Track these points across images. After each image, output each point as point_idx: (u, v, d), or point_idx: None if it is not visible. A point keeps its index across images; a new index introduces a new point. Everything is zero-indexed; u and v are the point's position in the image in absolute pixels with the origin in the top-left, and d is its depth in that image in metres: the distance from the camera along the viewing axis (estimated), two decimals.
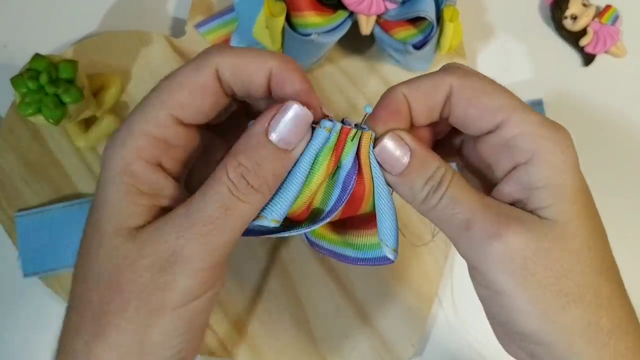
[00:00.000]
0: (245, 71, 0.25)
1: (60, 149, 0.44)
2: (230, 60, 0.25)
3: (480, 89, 0.26)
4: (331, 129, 0.26)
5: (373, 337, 0.42)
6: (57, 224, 0.42)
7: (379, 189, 0.27)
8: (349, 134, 0.26)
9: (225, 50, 0.25)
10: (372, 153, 0.26)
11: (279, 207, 0.26)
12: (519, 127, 0.25)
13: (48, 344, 0.44)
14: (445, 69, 0.27)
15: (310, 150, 0.26)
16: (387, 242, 0.27)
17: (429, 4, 0.38)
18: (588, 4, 0.45)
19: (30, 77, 0.38)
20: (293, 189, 0.26)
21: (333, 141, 0.26)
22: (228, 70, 0.25)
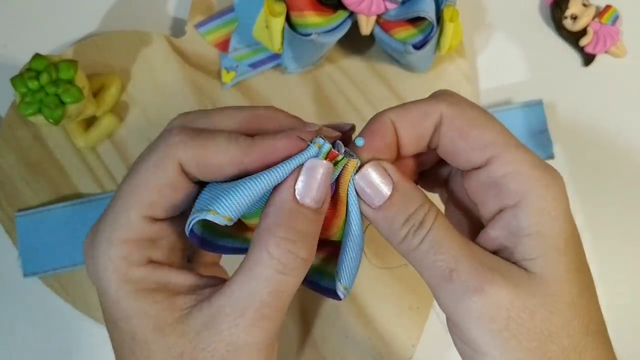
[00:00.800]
0: (210, 164, 0.24)
1: (60, 149, 0.44)
2: (192, 153, 0.24)
3: (471, 120, 0.24)
4: (321, 146, 0.24)
5: (373, 337, 0.42)
6: (57, 224, 0.42)
7: (350, 223, 0.26)
8: (335, 158, 0.25)
9: (186, 141, 0.24)
10: (352, 182, 0.25)
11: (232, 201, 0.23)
12: (509, 166, 0.24)
13: (48, 344, 0.44)
14: (436, 96, 0.26)
15: (296, 160, 0.24)
16: (342, 278, 0.26)
17: (429, 4, 0.38)
18: (588, 4, 0.45)
19: (30, 77, 0.38)
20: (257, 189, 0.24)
21: None
22: (193, 164, 0.24)
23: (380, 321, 0.42)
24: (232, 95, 0.44)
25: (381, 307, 0.42)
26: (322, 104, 0.44)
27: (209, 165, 0.24)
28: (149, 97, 0.44)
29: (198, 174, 0.25)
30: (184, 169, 0.24)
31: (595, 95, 0.46)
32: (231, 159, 0.24)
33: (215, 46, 0.45)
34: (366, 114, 0.44)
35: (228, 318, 0.23)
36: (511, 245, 0.24)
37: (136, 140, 0.44)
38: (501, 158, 0.24)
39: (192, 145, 0.24)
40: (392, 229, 0.25)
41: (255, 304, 0.23)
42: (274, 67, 0.44)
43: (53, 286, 0.42)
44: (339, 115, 0.44)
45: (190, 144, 0.24)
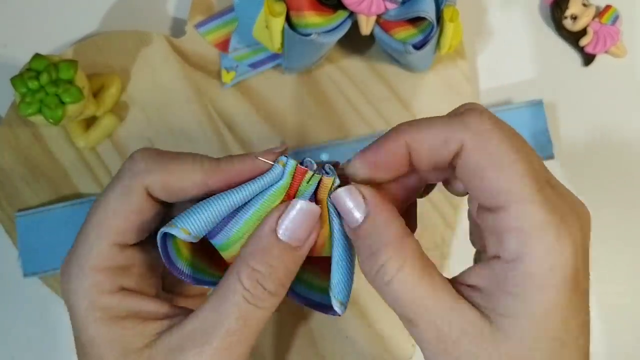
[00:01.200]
0: (176, 188, 0.25)
1: (60, 149, 0.44)
2: (157, 179, 0.25)
3: (492, 158, 0.22)
4: (285, 164, 0.24)
5: (373, 337, 0.42)
6: (57, 224, 0.42)
7: (335, 239, 0.25)
8: (304, 175, 0.24)
9: (150, 168, 0.25)
10: (330, 198, 0.25)
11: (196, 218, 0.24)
12: (514, 222, 0.21)
13: (48, 344, 0.44)
14: (461, 117, 0.23)
15: (260, 181, 0.24)
16: (336, 293, 0.25)
17: (429, 4, 0.38)
18: (588, 4, 0.45)
19: (30, 77, 0.38)
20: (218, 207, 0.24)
21: (287, 181, 0.24)
22: (158, 189, 0.25)
23: (380, 321, 0.42)
24: (232, 95, 0.44)
25: (381, 308, 0.42)
26: (322, 104, 0.44)
27: (173, 189, 0.25)
28: (149, 97, 0.44)
29: (164, 197, 0.25)
30: (150, 193, 0.25)
31: (595, 95, 0.46)
32: (196, 183, 0.25)
33: (215, 46, 0.45)
34: (366, 114, 0.44)
35: (195, 343, 0.23)
36: (491, 292, 0.23)
37: (136, 140, 0.44)
38: (509, 211, 0.22)
39: (156, 172, 0.25)
40: (359, 257, 0.24)
41: (222, 331, 0.23)
42: (274, 67, 0.44)
43: (53, 286, 0.42)
44: (338, 115, 0.44)
45: (156, 170, 0.25)
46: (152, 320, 0.25)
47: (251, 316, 0.24)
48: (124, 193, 0.25)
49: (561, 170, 0.44)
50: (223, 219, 0.24)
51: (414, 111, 0.44)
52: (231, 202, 0.24)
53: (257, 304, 0.24)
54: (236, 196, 0.24)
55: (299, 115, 0.44)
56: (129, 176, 0.25)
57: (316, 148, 0.43)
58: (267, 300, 0.24)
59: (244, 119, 0.44)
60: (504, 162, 0.22)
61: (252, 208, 0.25)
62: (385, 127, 0.44)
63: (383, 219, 0.24)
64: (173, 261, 0.25)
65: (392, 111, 0.44)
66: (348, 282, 0.26)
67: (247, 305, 0.24)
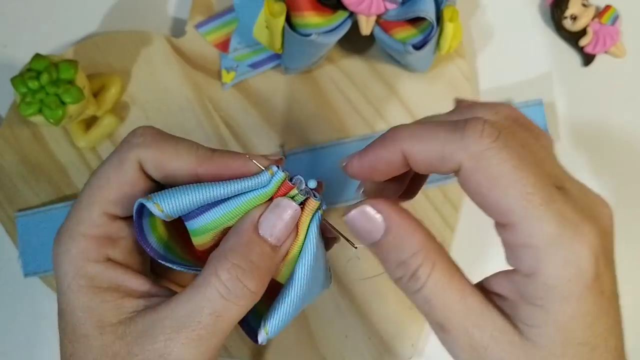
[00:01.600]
0: (168, 168, 0.25)
1: (61, 149, 0.44)
2: (151, 154, 0.25)
3: (493, 178, 0.21)
4: (274, 174, 0.24)
5: (373, 337, 0.42)
6: (58, 224, 0.41)
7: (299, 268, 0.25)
8: (289, 191, 0.25)
9: (147, 143, 0.25)
10: (314, 225, 0.25)
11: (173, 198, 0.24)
12: (524, 239, 0.21)
13: (48, 344, 0.44)
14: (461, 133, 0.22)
15: (245, 182, 0.24)
16: (269, 323, 0.25)
17: (429, 4, 0.38)
18: (588, 4, 0.45)
19: (30, 77, 0.38)
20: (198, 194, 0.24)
21: (271, 190, 0.24)
22: (150, 165, 0.25)
23: (380, 321, 0.42)
24: (232, 95, 0.44)
25: (381, 307, 0.42)
26: (322, 104, 0.44)
27: (165, 169, 0.25)
28: (149, 97, 0.44)
29: (155, 174, 0.26)
30: (143, 168, 0.25)
31: (595, 95, 0.46)
32: (186, 166, 0.25)
33: (215, 46, 0.45)
34: (366, 114, 0.44)
35: (165, 330, 0.24)
36: (516, 302, 0.22)
37: None
38: (518, 229, 0.21)
39: (153, 147, 0.25)
40: (386, 266, 0.24)
41: (193, 323, 0.23)
42: (274, 67, 0.44)
43: (53, 286, 0.42)
44: (338, 115, 0.44)
45: (151, 146, 0.25)
46: (130, 297, 0.25)
47: (224, 312, 0.24)
48: (119, 163, 0.25)
49: None
50: (202, 206, 0.24)
51: (414, 111, 0.44)
52: (212, 193, 0.24)
53: (233, 300, 0.24)
54: (219, 189, 0.24)
55: (298, 115, 0.44)
56: (125, 148, 0.25)
57: (317, 147, 0.43)
58: (245, 297, 0.24)
59: (244, 118, 0.44)
60: (506, 182, 0.21)
61: (232, 204, 0.25)
62: (385, 127, 0.44)
63: (404, 230, 0.23)
64: (145, 234, 0.25)
65: (392, 111, 0.44)
66: (285, 320, 0.25)
67: (221, 301, 0.23)
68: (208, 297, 0.23)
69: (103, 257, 0.25)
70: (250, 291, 0.24)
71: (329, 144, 0.43)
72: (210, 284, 0.24)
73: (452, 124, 0.22)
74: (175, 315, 0.24)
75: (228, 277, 0.23)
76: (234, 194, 0.24)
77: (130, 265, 0.27)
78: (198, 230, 0.25)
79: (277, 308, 0.25)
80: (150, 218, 0.26)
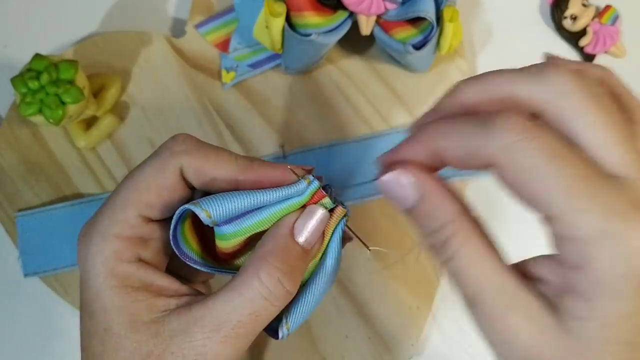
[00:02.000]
0: (210, 175, 0.26)
1: (61, 149, 0.44)
2: (194, 162, 0.26)
3: (526, 172, 0.20)
4: (310, 182, 0.26)
5: (373, 337, 0.42)
6: (58, 224, 0.42)
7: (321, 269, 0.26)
8: (322, 199, 0.26)
9: (190, 150, 0.26)
10: (339, 230, 0.26)
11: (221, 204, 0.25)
12: (569, 232, 0.20)
13: (48, 344, 0.44)
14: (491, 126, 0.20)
15: (284, 191, 0.25)
16: (290, 319, 0.26)
17: (429, 4, 0.38)
18: (588, 4, 0.46)
19: (30, 77, 0.38)
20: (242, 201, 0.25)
21: (306, 198, 0.26)
22: (192, 172, 0.26)
23: (380, 321, 0.42)
24: (232, 95, 0.44)
25: (381, 307, 0.42)
26: (322, 104, 0.44)
27: (206, 176, 0.26)
28: (149, 97, 0.44)
29: (195, 181, 0.26)
30: (183, 175, 0.26)
31: None
32: (227, 174, 0.26)
33: (215, 46, 0.45)
34: (366, 114, 0.44)
35: (204, 329, 0.24)
36: (559, 290, 0.21)
37: (136, 141, 0.44)
38: (562, 222, 0.20)
39: (195, 155, 0.26)
40: (420, 233, 0.23)
41: (233, 322, 0.24)
42: (274, 67, 0.44)
43: (53, 286, 0.42)
44: (338, 115, 0.44)
45: (194, 153, 0.26)
46: (162, 296, 0.26)
47: (263, 312, 0.25)
48: (160, 169, 0.26)
49: None
50: (241, 213, 0.25)
51: (414, 111, 0.44)
52: (254, 200, 0.25)
53: (272, 301, 0.24)
54: (260, 197, 0.25)
55: (298, 115, 0.44)
56: (167, 154, 0.26)
57: (317, 147, 0.43)
58: (283, 298, 0.25)
59: (244, 118, 0.44)
60: (539, 175, 0.20)
61: (267, 211, 0.26)
62: (385, 127, 0.44)
63: (438, 199, 0.23)
64: (178, 241, 0.26)
65: (392, 111, 0.44)
66: (306, 315, 0.26)
67: (262, 302, 0.24)
68: (250, 298, 0.24)
69: (135, 258, 0.26)
70: (288, 292, 0.25)
71: (329, 144, 0.43)
72: (252, 286, 0.24)
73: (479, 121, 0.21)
74: (214, 314, 0.24)
75: (269, 279, 0.24)
76: (274, 201, 0.26)
77: (159, 265, 0.27)
78: (229, 235, 0.26)
79: (297, 305, 0.26)
80: (182, 224, 0.26)
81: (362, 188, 0.43)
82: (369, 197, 0.43)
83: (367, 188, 0.43)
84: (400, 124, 0.44)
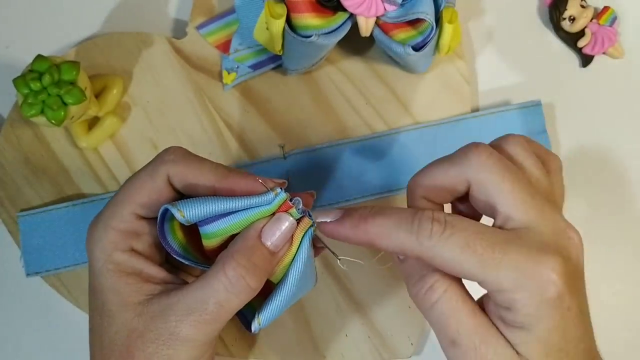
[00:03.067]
0: (191, 182, 0.30)
1: (63, 149, 0.44)
2: (179, 170, 0.30)
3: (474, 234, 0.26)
4: (277, 194, 0.29)
5: (372, 336, 0.42)
6: (60, 224, 0.43)
7: (290, 273, 0.30)
8: (288, 210, 0.29)
9: (177, 160, 0.30)
10: (307, 238, 0.30)
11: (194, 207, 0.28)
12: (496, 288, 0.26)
13: (50, 344, 0.44)
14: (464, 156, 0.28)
15: (253, 200, 0.29)
16: (262, 314, 0.30)
17: (428, 6, 0.38)
18: (586, 6, 0.46)
19: (32, 78, 0.38)
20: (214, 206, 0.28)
21: (273, 208, 0.29)
22: (177, 179, 0.30)
23: (379, 320, 0.42)
24: (232, 96, 0.45)
25: (381, 306, 0.42)
26: (322, 105, 0.45)
27: (188, 182, 0.30)
28: (151, 98, 0.45)
29: (179, 186, 0.31)
30: (170, 181, 0.30)
31: (593, 96, 0.46)
32: (206, 182, 0.30)
33: (216, 47, 0.45)
34: (365, 115, 0.44)
35: (177, 312, 0.28)
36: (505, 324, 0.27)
37: (137, 141, 0.44)
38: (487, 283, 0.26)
39: (180, 164, 0.30)
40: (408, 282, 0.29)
41: (201, 309, 0.28)
42: (274, 68, 0.45)
43: (55, 286, 0.43)
44: (338, 115, 0.44)
45: (179, 163, 0.30)
46: (149, 283, 0.30)
47: (227, 303, 0.28)
48: (151, 175, 0.30)
49: None
50: (214, 216, 0.29)
51: (413, 112, 0.45)
52: (225, 205, 0.29)
53: (235, 293, 0.28)
54: (231, 203, 0.29)
55: (299, 115, 0.45)
56: (158, 163, 0.31)
57: (317, 148, 0.44)
58: (245, 292, 0.28)
59: (245, 119, 0.44)
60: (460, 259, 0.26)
61: (240, 216, 0.29)
62: (384, 128, 0.44)
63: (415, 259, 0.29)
64: (165, 234, 0.30)
65: (391, 112, 0.45)
66: (277, 313, 0.30)
67: (226, 293, 0.28)
68: (215, 289, 0.28)
69: (128, 248, 0.31)
70: (250, 287, 0.28)
71: (329, 144, 0.44)
72: (218, 279, 0.28)
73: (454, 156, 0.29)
74: (186, 301, 0.28)
75: (233, 274, 0.28)
76: (243, 208, 0.29)
77: (150, 256, 0.32)
78: (209, 234, 0.30)
79: (269, 303, 0.30)
80: (171, 222, 0.31)
81: (362, 188, 0.43)
82: (368, 197, 0.43)
83: (367, 188, 0.43)
84: (400, 125, 0.44)
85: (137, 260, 0.31)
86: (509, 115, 0.44)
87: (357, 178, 0.43)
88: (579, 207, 0.45)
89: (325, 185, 0.43)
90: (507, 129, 0.44)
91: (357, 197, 0.43)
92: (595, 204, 0.45)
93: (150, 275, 0.31)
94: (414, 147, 0.44)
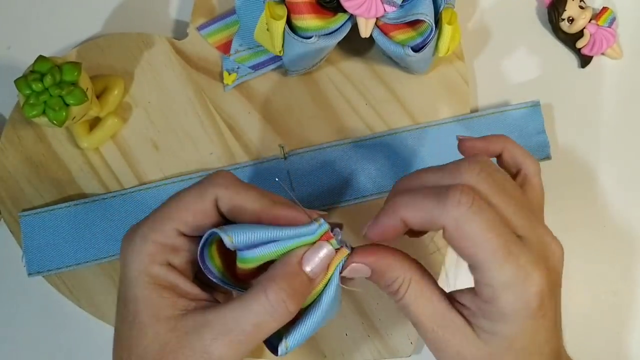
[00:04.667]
0: (239, 207, 0.31)
1: (64, 150, 0.44)
2: (227, 194, 0.31)
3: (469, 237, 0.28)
4: (320, 225, 0.30)
5: (372, 335, 0.42)
6: (61, 224, 0.43)
7: (323, 298, 0.31)
8: (329, 240, 0.30)
9: (226, 184, 0.31)
10: (338, 268, 0.31)
11: (242, 233, 0.29)
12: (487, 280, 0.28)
13: (52, 343, 0.44)
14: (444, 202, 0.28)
15: (298, 230, 0.30)
16: (290, 338, 0.30)
17: (428, 7, 0.38)
18: (585, 6, 0.46)
19: (34, 79, 0.38)
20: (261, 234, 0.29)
21: (315, 238, 0.30)
22: (225, 203, 0.31)
23: (379, 319, 0.42)
24: (233, 96, 0.45)
25: (380, 305, 0.42)
26: (322, 106, 0.45)
27: (235, 207, 0.31)
28: (152, 98, 0.45)
29: (225, 210, 0.31)
30: (217, 204, 0.31)
31: (592, 97, 0.47)
32: (253, 209, 0.30)
33: (217, 48, 0.45)
34: (365, 115, 0.45)
35: (213, 331, 0.28)
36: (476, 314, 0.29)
37: (139, 141, 0.45)
38: (484, 273, 0.28)
39: (230, 189, 0.31)
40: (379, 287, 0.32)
41: (238, 329, 0.28)
42: (275, 69, 0.45)
43: (57, 285, 0.43)
44: (338, 116, 0.45)
45: (229, 188, 0.31)
46: (184, 298, 0.30)
47: (264, 325, 0.28)
48: (200, 195, 0.31)
49: (557, 171, 0.44)
50: (259, 242, 0.30)
51: (413, 112, 0.45)
52: (271, 234, 0.29)
53: (274, 317, 0.28)
54: (277, 232, 0.30)
55: (299, 116, 0.45)
56: (208, 185, 0.31)
57: (317, 148, 0.44)
58: (284, 315, 0.28)
59: (246, 120, 0.45)
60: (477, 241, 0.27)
61: (282, 244, 0.30)
62: (384, 128, 0.44)
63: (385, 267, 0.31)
64: (204, 259, 0.31)
65: (391, 112, 0.45)
66: (305, 337, 0.30)
67: (265, 316, 0.28)
68: (254, 311, 0.28)
69: (166, 262, 0.31)
70: (288, 311, 0.28)
71: (329, 144, 0.44)
72: (258, 301, 0.28)
73: (437, 194, 0.28)
74: (223, 320, 0.28)
75: (275, 297, 0.28)
76: (289, 237, 0.30)
77: (185, 273, 0.32)
78: (249, 259, 0.30)
79: (299, 327, 0.30)
80: (209, 249, 0.31)
81: (362, 188, 0.44)
82: (368, 197, 0.43)
83: (366, 188, 0.44)
84: (400, 125, 0.44)
85: (173, 275, 0.31)
86: (508, 116, 0.45)
87: (356, 178, 0.44)
88: (578, 207, 0.45)
89: (325, 185, 0.44)
90: (506, 129, 0.44)
91: (357, 197, 0.43)
92: (595, 203, 0.45)
93: (186, 291, 0.31)
94: (414, 147, 0.44)
